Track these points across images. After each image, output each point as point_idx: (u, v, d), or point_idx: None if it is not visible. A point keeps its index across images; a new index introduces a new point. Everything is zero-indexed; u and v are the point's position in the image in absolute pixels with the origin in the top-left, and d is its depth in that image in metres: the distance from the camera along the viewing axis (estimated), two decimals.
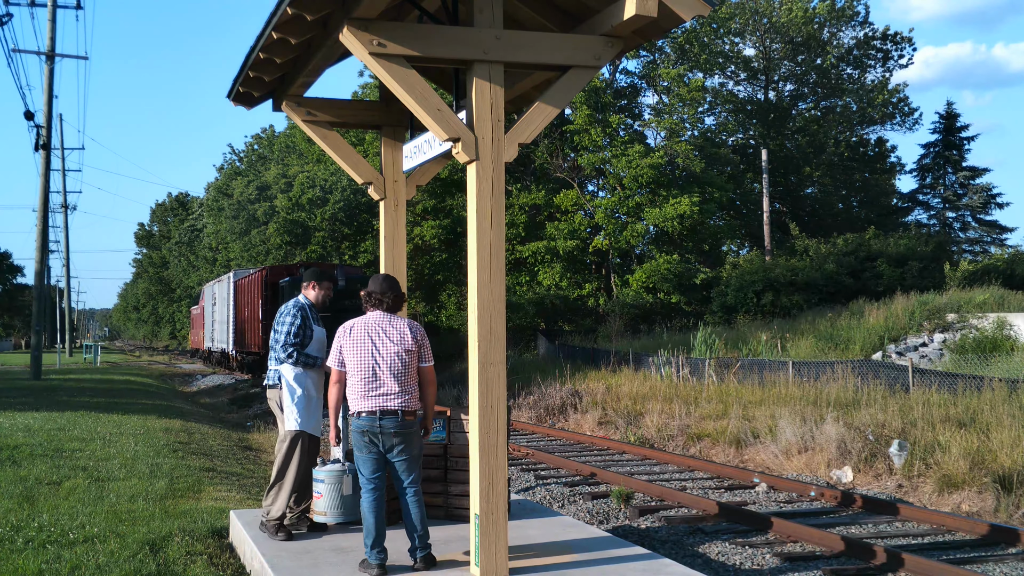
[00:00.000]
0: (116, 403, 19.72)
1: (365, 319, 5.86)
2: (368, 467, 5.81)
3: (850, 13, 44.85)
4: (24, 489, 9.10)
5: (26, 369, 33.04)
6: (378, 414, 5.68)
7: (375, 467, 5.80)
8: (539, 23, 6.48)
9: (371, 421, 5.69)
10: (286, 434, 6.75)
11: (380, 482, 5.83)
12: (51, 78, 30.14)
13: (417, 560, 5.79)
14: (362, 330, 5.81)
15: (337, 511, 6.50)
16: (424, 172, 7.48)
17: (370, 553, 5.73)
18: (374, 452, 5.77)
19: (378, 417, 5.68)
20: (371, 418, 5.70)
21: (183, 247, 74.76)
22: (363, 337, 5.78)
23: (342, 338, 5.84)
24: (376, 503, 5.77)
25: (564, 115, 36.28)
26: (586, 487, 10.97)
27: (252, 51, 6.48)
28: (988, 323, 23.27)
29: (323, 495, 6.49)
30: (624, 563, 5.99)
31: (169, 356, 69.81)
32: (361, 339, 5.78)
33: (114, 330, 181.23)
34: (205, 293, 47.03)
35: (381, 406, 5.68)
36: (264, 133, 63.77)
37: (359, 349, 5.76)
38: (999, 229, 46.70)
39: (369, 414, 5.70)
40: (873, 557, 7.52)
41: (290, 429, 6.71)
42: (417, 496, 5.79)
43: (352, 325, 5.85)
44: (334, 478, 6.48)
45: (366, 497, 5.80)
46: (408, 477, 5.79)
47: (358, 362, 5.76)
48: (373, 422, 5.69)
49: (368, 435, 5.73)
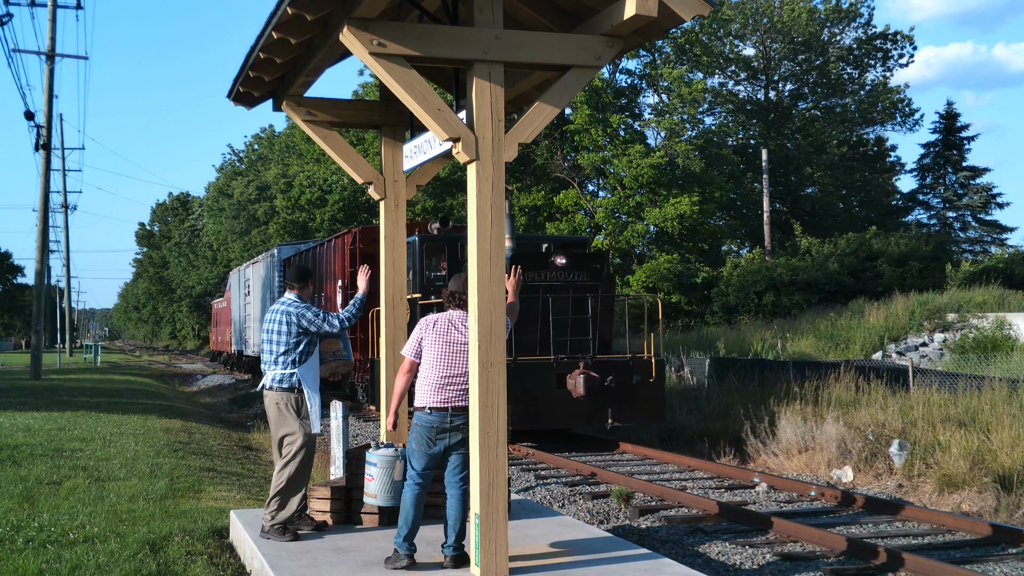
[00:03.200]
0: (116, 403, 19.71)
1: (449, 315, 5.92)
2: (421, 463, 5.86)
3: (854, 13, 44.85)
4: (24, 489, 9.10)
5: (26, 369, 33.05)
6: (449, 410, 5.75)
7: (428, 464, 5.86)
8: (539, 23, 6.48)
9: (443, 416, 5.75)
10: (305, 438, 6.69)
11: (428, 480, 5.90)
12: (51, 78, 30.15)
13: (448, 558, 5.84)
14: (446, 325, 5.86)
15: (388, 495, 6.43)
16: (424, 172, 7.48)
17: (401, 545, 5.79)
18: (432, 451, 5.82)
19: (449, 413, 5.75)
20: (443, 413, 5.76)
21: (183, 247, 74.79)
22: (446, 333, 5.84)
23: (424, 330, 5.88)
24: (420, 498, 5.86)
25: (564, 115, 36.27)
26: (586, 487, 10.98)
27: (252, 51, 6.48)
28: (988, 323, 23.27)
29: (375, 479, 6.45)
30: (624, 563, 5.99)
31: (169, 356, 69.79)
32: (444, 335, 5.83)
33: (114, 330, 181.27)
34: (234, 281, 37.43)
35: (455, 403, 5.76)
36: (264, 133, 63.79)
37: (441, 344, 5.81)
38: (999, 229, 46.72)
39: (440, 410, 5.76)
40: (874, 557, 7.51)
41: (309, 433, 6.68)
42: (466, 495, 5.84)
43: (436, 319, 5.91)
44: (387, 463, 6.41)
45: (412, 491, 5.86)
46: (461, 473, 5.86)
47: (437, 357, 5.80)
48: (445, 417, 5.75)
49: (435, 430, 5.77)
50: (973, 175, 46.58)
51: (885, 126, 48.39)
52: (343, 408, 8.16)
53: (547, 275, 13.77)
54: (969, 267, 32.36)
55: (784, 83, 47.75)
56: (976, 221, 47.26)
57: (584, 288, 13.95)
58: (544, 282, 13.69)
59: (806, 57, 45.75)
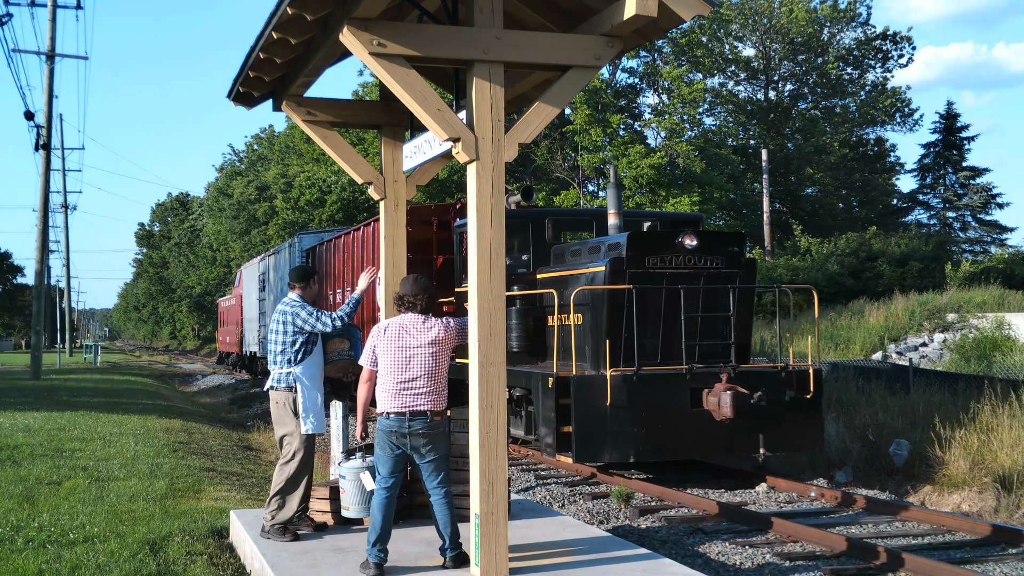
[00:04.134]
0: (116, 403, 19.71)
1: (400, 319, 5.89)
2: (387, 467, 5.84)
3: (852, 13, 44.86)
4: (24, 489, 9.10)
5: (26, 369, 33.04)
6: (407, 415, 5.71)
7: (393, 467, 5.84)
8: (539, 23, 6.48)
9: (400, 421, 5.72)
10: (303, 438, 6.72)
11: (395, 483, 5.87)
12: (51, 78, 30.15)
13: (447, 559, 5.83)
14: (396, 330, 5.83)
15: (360, 506, 6.57)
16: (424, 172, 7.48)
17: (371, 551, 5.74)
18: (396, 453, 5.80)
19: (407, 418, 5.71)
20: (400, 419, 5.72)
21: (183, 247, 74.78)
22: (396, 337, 5.81)
23: (376, 337, 5.88)
24: (387, 502, 5.81)
25: (564, 115, 36.27)
26: (586, 487, 10.97)
27: (252, 51, 6.48)
28: (988, 323, 23.27)
29: (346, 491, 6.54)
30: (624, 563, 5.99)
31: (169, 356, 69.79)
32: (395, 339, 5.80)
33: (114, 330, 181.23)
34: (245, 276, 33.60)
35: (411, 407, 5.71)
36: (264, 133, 63.76)
37: (394, 350, 5.79)
38: (999, 229, 46.71)
39: (398, 415, 5.73)
40: (873, 557, 7.51)
41: (307, 433, 6.70)
42: (447, 498, 5.82)
43: (387, 325, 5.89)
44: (354, 475, 6.54)
45: (379, 495, 5.83)
46: (436, 478, 5.83)
47: (391, 362, 5.78)
48: (403, 422, 5.72)
49: (395, 435, 5.75)
50: (973, 175, 46.57)
51: (885, 126, 48.39)
52: (343, 408, 8.16)
53: (672, 260, 10.95)
54: (969, 267, 32.34)
55: (784, 83, 47.75)
56: (976, 221, 47.25)
57: (720, 277, 11.04)
58: (669, 269, 10.88)
59: (806, 57, 45.75)
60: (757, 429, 10.58)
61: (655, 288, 10.70)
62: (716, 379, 10.50)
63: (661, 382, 10.46)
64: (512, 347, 11.84)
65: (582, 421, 10.14)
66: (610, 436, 10.18)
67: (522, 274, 12.60)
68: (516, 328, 11.99)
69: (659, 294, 10.74)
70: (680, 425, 10.41)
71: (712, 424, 10.45)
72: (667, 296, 10.76)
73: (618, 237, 11.19)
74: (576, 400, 10.18)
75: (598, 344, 10.74)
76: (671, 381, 10.50)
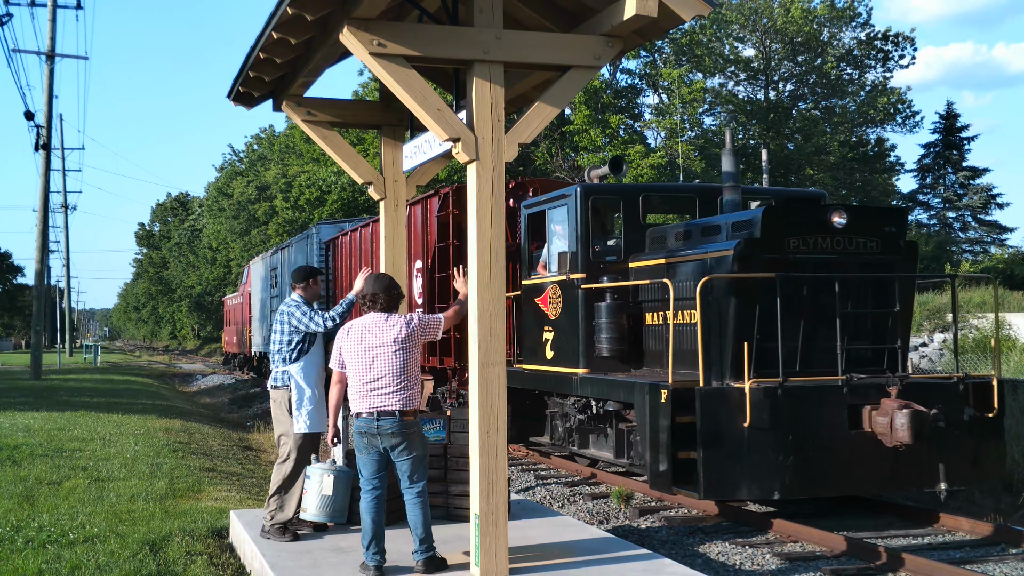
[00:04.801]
0: (116, 403, 19.71)
1: (363, 320, 5.88)
2: (368, 468, 5.82)
3: (851, 14, 44.88)
4: (24, 489, 9.10)
5: (26, 369, 33.04)
6: (376, 415, 5.69)
7: (375, 468, 5.81)
8: (539, 23, 6.48)
9: (369, 422, 5.71)
10: (297, 437, 6.73)
11: (380, 483, 5.82)
12: (51, 78, 30.15)
13: (417, 563, 5.76)
14: (359, 331, 5.82)
15: (318, 510, 6.48)
16: (424, 172, 7.49)
17: (366, 554, 5.74)
18: (374, 453, 5.77)
19: (375, 418, 5.69)
20: (369, 419, 5.71)
21: (183, 247, 74.81)
22: (360, 338, 5.79)
23: (341, 339, 5.88)
24: (374, 504, 5.77)
25: (564, 115, 36.28)
26: (586, 487, 10.97)
27: (252, 51, 6.49)
28: (987, 323, 23.26)
29: (308, 492, 6.52)
30: (624, 563, 6.00)
31: (169, 356, 69.81)
32: (358, 340, 5.79)
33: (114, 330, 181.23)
34: (255, 272, 30.70)
35: (379, 407, 5.69)
36: (264, 133, 63.77)
37: (356, 350, 5.78)
38: (999, 229, 46.74)
39: (368, 415, 5.71)
40: (874, 557, 7.51)
41: (300, 431, 6.71)
42: (420, 498, 5.77)
43: (350, 327, 5.89)
44: (317, 476, 6.50)
45: (365, 498, 5.80)
46: (409, 478, 5.78)
47: (356, 363, 5.77)
48: (371, 423, 5.70)
49: (367, 436, 5.74)
50: (973, 175, 46.60)
51: (885, 126, 48.39)
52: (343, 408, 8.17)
53: (817, 243, 8.69)
54: (969, 267, 32.38)
55: (784, 83, 47.76)
56: (976, 221, 47.28)
57: (877, 264, 8.88)
58: (814, 253, 8.67)
59: (806, 58, 45.75)
60: (935, 457, 8.38)
61: (804, 277, 8.52)
62: (881, 393, 8.29)
63: (813, 397, 8.22)
64: (601, 351, 9.97)
65: (712, 446, 7.98)
66: (749, 466, 8.01)
67: (611, 263, 10.40)
68: (607, 328, 9.92)
69: (803, 285, 8.58)
70: (838, 452, 8.23)
71: (878, 451, 8.26)
72: (813, 288, 8.61)
73: (749, 213, 9.02)
74: (704, 418, 7.99)
75: (724, 348, 8.53)
76: (825, 396, 8.27)
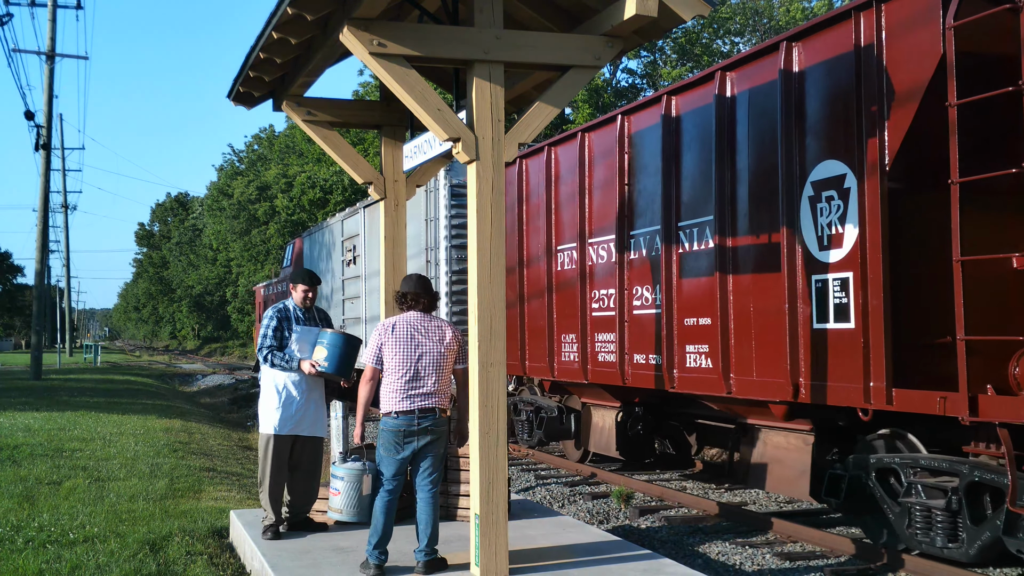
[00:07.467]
0: (116, 403, 19.73)
1: (406, 317, 5.84)
2: (391, 468, 5.79)
3: None
4: (24, 489, 9.11)
5: (26, 369, 33.06)
6: (416, 413, 5.69)
7: (398, 469, 5.79)
8: (539, 23, 6.48)
9: (408, 420, 5.69)
10: (265, 438, 6.74)
11: (399, 485, 5.83)
12: (51, 78, 30.17)
13: (419, 563, 5.75)
14: (404, 328, 5.79)
15: (354, 510, 6.43)
16: (424, 172, 7.49)
17: (371, 553, 5.72)
18: (406, 452, 5.75)
19: (416, 416, 5.68)
20: (409, 417, 5.69)
21: (183, 247, 74.85)
22: (406, 336, 5.77)
23: (383, 335, 5.80)
24: (390, 504, 5.78)
25: (564, 115, 36.28)
26: (586, 487, 10.97)
27: (252, 51, 6.49)
28: None
29: (340, 492, 6.45)
30: (624, 563, 5.99)
31: (169, 356, 69.84)
32: (404, 338, 5.76)
33: (114, 330, 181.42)
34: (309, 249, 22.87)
35: (421, 405, 5.69)
36: (264, 133, 63.84)
37: (402, 347, 5.74)
38: None
39: (407, 413, 5.69)
40: (874, 557, 7.51)
41: (263, 432, 6.72)
42: (435, 498, 5.78)
43: (394, 323, 5.83)
44: (354, 477, 6.41)
45: (382, 497, 5.79)
46: (431, 475, 5.80)
47: (400, 361, 5.74)
48: (411, 421, 5.69)
49: (403, 434, 5.70)
50: None
51: None
52: (343, 408, 8.15)
53: None
54: None
55: None
56: None
57: None
58: None
59: None
60: None
61: None
62: None
63: None
64: None
65: None
66: None
67: None
68: None
69: None
70: None
71: None
72: None
73: None
74: None
75: None
76: None
